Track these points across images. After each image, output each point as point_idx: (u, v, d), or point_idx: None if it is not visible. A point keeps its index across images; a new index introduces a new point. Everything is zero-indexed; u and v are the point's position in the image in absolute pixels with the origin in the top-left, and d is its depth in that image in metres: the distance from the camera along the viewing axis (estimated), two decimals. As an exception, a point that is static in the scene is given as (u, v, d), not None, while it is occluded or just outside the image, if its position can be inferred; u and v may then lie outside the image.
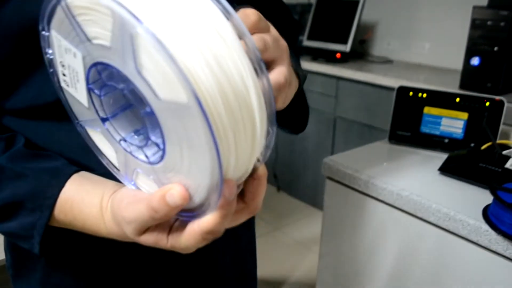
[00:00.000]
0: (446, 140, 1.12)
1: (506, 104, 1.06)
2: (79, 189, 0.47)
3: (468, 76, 1.46)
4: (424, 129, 1.14)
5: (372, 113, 1.98)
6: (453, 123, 1.11)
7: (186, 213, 0.38)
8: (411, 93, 1.15)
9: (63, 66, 0.38)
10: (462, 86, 1.49)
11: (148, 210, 0.37)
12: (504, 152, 1.00)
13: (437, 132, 1.13)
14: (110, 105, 0.38)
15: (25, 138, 0.51)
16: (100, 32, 0.32)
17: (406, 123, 1.15)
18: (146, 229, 0.39)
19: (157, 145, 0.36)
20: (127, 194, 0.41)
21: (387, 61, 2.24)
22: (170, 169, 0.36)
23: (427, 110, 1.14)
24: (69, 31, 0.35)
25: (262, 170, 0.38)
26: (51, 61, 0.39)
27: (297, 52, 0.78)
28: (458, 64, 1.59)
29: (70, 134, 0.51)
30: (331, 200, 1.12)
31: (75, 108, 0.41)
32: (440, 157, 1.05)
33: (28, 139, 0.51)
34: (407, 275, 0.98)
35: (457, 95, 1.11)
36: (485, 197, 0.85)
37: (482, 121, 1.07)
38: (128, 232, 0.40)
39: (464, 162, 0.99)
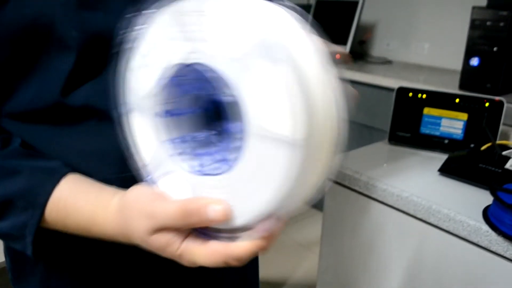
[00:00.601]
0: (446, 141, 1.12)
1: (505, 105, 1.06)
2: (74, 187, 0.47)
3: (468, 76, 1.46)
4: (424, 130, 1.14)
5: (371, 114, 1.98)
6: (452, 124, 1.11)
7: (215, 232, 0.37)
8: (410, 94, 1.15)
9: (153, 45, 0.37)
10: (461, 87, 1.48)
11: (180, 212, 0.36)
12: (504, 153, 1.00)
13: (437, 133, 1.13)
14: (179, 103, 0.38)
15: (23, 141, 0.50)
16: (229, 41, 0.33)
17: (405, 124, 1.15)
18: (161, 229, 0.38)
19: (224, 160, 0.36)
20: (151, 191, 0.40)
21: (387, 62, 2.23)
22: (224, 186, 0.35)
23: (426, 111, 1.13)
24: (187, 24, 0.35)
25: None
26: (134, 36, 0.38)
27: None
28: (458, 65, 1.58)
29: (69, 139, 0.51)
30: (331, 201, 1.12)
31: (132, 91, 0.40)
32: (440, 158, 1.05)
33: (26, 142, 0.51)
34: (407, 276, 0.98)
35: (456, 95, 1.10)
36: (485, 198, 0.85)
37: (482, 122, 1.07)
38: (139, 227, 0.39)
39: (464, 162, 0.99)
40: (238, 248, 0.36)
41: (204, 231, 0.38)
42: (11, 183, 0.46)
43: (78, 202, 0.46)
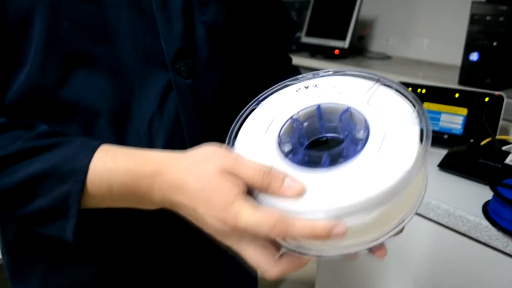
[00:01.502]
0: (446, 136, 1.11)
1: (505, 100, 1.05)
2: (112, 150, 0.46)
3: (467, 71, 1.45)
4: (423, 125, 1.13)
5: (371, 109, 1.97)
6: (452, 119, 1.10)
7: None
8: (410, 89, 1.14)
9: (315, 86, 0.50)
10: (461, 82, 1.48)
11: (260, 169, 0.40)
12: (504, 148, 0.99)
13: (437, 128, 1.12)
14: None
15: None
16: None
17: (405, 119, 1.14)
18: (232, 174, 0.40)
19: (321, 163, 0.42)
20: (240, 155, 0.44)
21: (386, 57, 2.23)
22: (308, 178, 0.40)
23: (426, 105, 1.13)
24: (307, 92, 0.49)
25: None
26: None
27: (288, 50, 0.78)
28: (457, 60, 1.58)
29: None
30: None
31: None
32: (440, 153, 1.05)
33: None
34: (406, 272, 0.98)
35: (456, 90, 1.10)
36: (485, 193, 0.85)
37: (482, 117, 1.07)
38: (209, 165, 0.41)
39: (464, 158, 0.99)
40: (298, 220, 0.37)
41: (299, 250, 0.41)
42: (45, 158, 0.45)
43: (121, 158, 0.45)
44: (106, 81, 0.49)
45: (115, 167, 0.44)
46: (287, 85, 0.51)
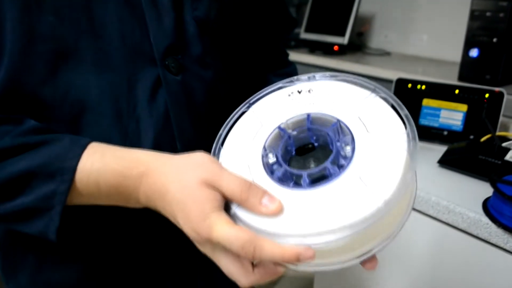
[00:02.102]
0: (445, 132, 1.11)
1: (505, 96, 1.05)
2: (102, 149, 0.46)
3: (467, 68, 1.45)
4: (423, 121, 1.13)
5: (370, 106, 1.96)
6: (452, 115, 1.10)
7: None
8: (409, 85, 1.14)
9: (308, 91, 0.49)
10: (460, 78, 1.47)
11: (243, 183, 0.40)
12: (504, 144, 0.99)
13: (436, 124, 1.12)
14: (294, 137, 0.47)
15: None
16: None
17: (404, 115, 1.13)
18: (213, 187, 0.41)
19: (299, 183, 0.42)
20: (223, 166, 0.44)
21: (385, 53, 2.22)
22: (286, 197, 0.40)
23: (426, 102, 1.13)
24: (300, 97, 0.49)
25: None
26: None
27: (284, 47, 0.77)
28: (457, 56, 1.57)
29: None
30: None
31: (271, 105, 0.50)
32: (439, 150, 1.04)
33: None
34: (406, 268, 0.97)
35: (456, 86, 1.09)
36: (485, 190, 0.85)
37: (482, 113, 1.06)
38: (192, 175, 0.41)
39: (464, 154, 0.98)
40: (267, 243, 0.38)
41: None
42: (33, 156, 0.44)
43: (109, 159, 0.45)
44: (92, 77, 0.49)
45: (104, 168, 0.44)
46: (280, 88, 0.51)
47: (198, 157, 0.43)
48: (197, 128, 0.56)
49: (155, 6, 0.51)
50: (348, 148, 0.42)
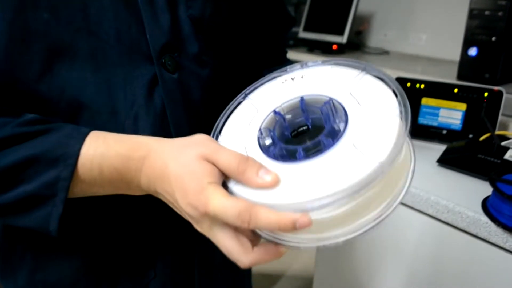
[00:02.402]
0: (444, 132, 1.11)
1: (504, 95, 1.05)
2: (104, 136, 0.46)
3: (466, 66, 1.44)
4: (422, 120, 1.13)
5: (369, 105, 1.96)
6: (451, 114, 1.10)
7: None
8: (408, 84, 1.14)
9: (302, 77, 0.50)
10: (459, 77, 1.47)
11: (239, 158, 0.41)
12: (503, 143, 0.99)
13: (435, 124, 1.12)
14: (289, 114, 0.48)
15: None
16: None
17: (403, 114, 1.13)
18: (212, 161, 0.42)
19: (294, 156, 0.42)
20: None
21: (384, 52, 2.22)
22: (283, 171, 0.40)
23: (425, 101, 1.12)
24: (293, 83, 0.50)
25: None
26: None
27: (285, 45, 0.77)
28: (456, 55, 1.57)
29: None
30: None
31: (261, 92, 0.51)
32: (438, 149, 1.04)
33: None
34: (405, 268, 0.97)
35: (455, 85, 1.09)
36: (484, 189, 0.84)
37: (481, 112, 1.06)
38: (192, 150, 0.42)
39: (463, 153, 0.98)
40: (263, 210, 0.38)
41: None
42: (35, 143, 0.44)
43: (112, 143, 0.45)
44: (88, 74, 0.49)
45: (107, 151, 0.45)
46: (275, 77, 0.52)
47: (197, 137, 0.44)
48: (193, 126, 0.56)
49: (151, 4, 0.51)
50: (341, 122, 0.42)
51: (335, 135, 0.42)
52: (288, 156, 0.43)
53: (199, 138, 0.44)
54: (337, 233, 0.39)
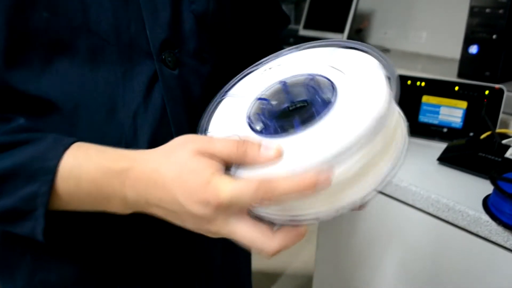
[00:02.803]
0: (445, 130, 1.10)
1: (505, 93, 1.04)
2: (86, 148, 0.44)
3: (466, 64, 1.44)
4: (423, 118, 1.12)
5: (369, 103, 1.96)
6: (452, 112, 1.09)
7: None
8: (409, 82, 1.13)
9: (278, 65, 0.50)
10: (460, 75, 1.47)
11: (235, 142, 0.38)
12: (504, 141, 0.99)
13: (436, 122, 1.11)
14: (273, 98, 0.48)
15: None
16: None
17: (404, 112, 1.12)
18: (208, 154, 0.39)
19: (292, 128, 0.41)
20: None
21: (384, 50, 2.22)
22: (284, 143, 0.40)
23: (425, 99, 1.12)
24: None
25: None
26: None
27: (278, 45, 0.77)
28: (456, 53, 1.57)
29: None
30: (329, 191, 1.10)
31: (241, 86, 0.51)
32: (439, 147, 1.04)
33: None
34: (406, 267, 0.97)
35: (456, 83, 1.09)
36: (485, 187, 0.84)
37: (481, 110, 1.06)
38: (183, 150, 0.40)
39: (464, 151, 0.98)
40: (279, 179, 0.36)
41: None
42: (14, 155, 0.43)
43: (94, 153, 0.43)
44: (87, 72, 0.48)
45: (86, 162, 0.43)
46: (251, 71, 0.51)
47: (181, 137, 0.42)
48: (194, 123, 0.55)
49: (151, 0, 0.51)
50: (329, 92, 0.43)
51: (327, 104, 0.41)
52: (285, 130, 0.42)
53: (185, 137, 0.42)
54: (352, 195, 0.39)
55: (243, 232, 0.39)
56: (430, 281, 0.92)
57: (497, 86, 1.05)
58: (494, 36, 1.36)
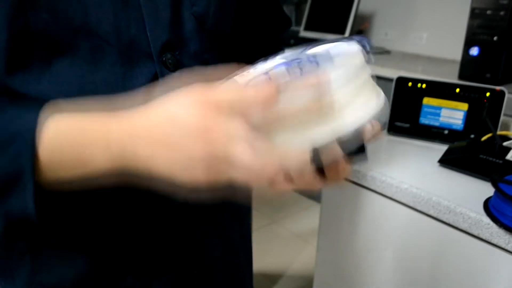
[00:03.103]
0: (446, 132, 1.10)
1: (506, 95, 1.04)
2: (69, 111, 0.43)
3: (467, 66, 1.44)
4: (424, 120, 1.12)
5: (369, 104, 1.96)
6: (452, 114, 1.09)
7: None
8: (410, 84, 1.13)
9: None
10: (461, 77, 1.47)
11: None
12: (505, 144, 0.99)
13: (437, 123, 1.11)
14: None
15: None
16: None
17: (405, 114, 1.13)
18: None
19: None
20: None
21: (385, 52, 2.22)
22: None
23: (426, 101, 1.12)
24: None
25: None
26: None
27: (278, 47, 0.77)
28: (457, 55, 1.57)
29: None
30: (329, 192, 1.10)
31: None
32: (440, 149, 1.04)
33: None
34: (406, 269, 0.97)
35: (457, 85, 1.09)
36: (486, 190, 0.84)
37: (482, 112, 1.06)
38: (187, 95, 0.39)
39: (464, 153, 0.98)
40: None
41: None
42: None
43: (74, 106, 0.43)
44: (87, 73, 0.48)
45: (67, 115, 0.43)
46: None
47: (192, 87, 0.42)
48: None
49: (152, 1, 0.51)
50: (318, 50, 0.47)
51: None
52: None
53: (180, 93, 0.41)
54: (350, 117, 0.42)
55: (245, 151, 0.38)
56: (431, 283, 0.92)
57: (498, 88, 1.05)
58: (495, 38, 1.36)
